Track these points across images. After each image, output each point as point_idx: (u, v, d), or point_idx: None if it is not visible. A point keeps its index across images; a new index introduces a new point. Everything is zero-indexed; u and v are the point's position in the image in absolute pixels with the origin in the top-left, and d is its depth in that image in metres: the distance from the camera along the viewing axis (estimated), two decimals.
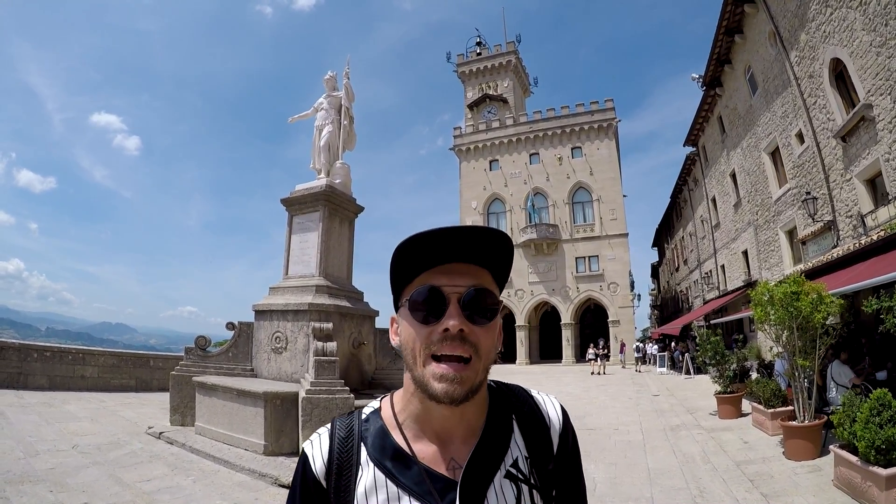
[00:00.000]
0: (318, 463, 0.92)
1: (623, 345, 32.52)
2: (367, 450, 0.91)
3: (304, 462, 0.93)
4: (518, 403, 0.99)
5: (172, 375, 9.00)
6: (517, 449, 0.92)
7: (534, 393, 1.03)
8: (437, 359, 0.83)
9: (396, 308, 0.92)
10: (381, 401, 0.99)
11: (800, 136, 14.80)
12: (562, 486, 0.96)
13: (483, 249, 0.87)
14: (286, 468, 6.38)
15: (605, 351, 27.28)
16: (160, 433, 8.01)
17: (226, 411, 7.68)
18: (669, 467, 7.07)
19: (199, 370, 8.92)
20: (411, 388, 0.89)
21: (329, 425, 0.97)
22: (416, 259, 0.86)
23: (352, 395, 6.79)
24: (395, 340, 0.92)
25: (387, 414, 0.95)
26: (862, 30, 10.76)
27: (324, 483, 0.90)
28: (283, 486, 5.81)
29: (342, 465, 0.90)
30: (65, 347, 13.24)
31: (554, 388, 18.63)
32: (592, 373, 25.13)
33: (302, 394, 6.82)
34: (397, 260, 0.87)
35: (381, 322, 9.93)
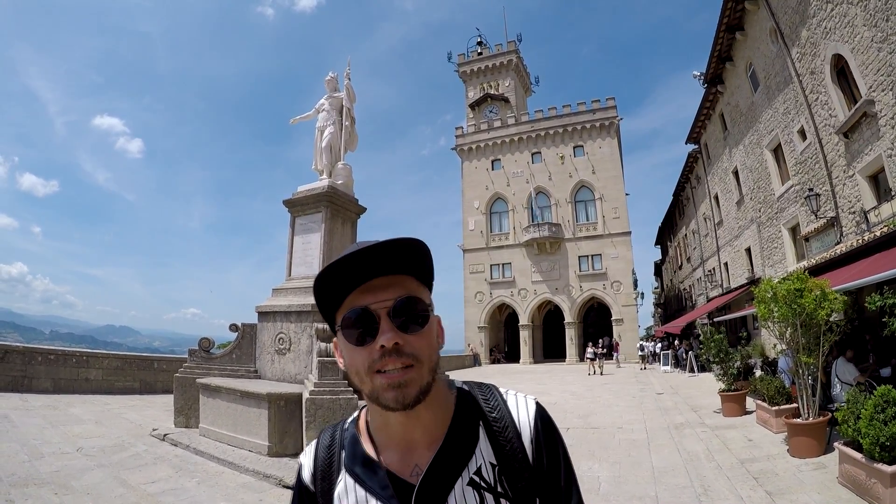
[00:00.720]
0: (306, 471, 1.01)
1: (616, 344, 32.23)
2: (344, 457, 0.97)
3: (299, 470, 1.04)
4: (487, 409, 0.97)
5: (176, 377, 9.03)
6: (482, 456, 0.91)
7: (508, 395, 1.00)
8: (381, 373, 0.84)
9: (334, 330, 0.93)
10: (360, 410, 1.04)
11: (802, 133, 14.76)
12: (543, 492, 0.93)
13: (398, 259, 0.88)
14: (290, 469, 6.39)
15: (605, 350, 26.09)
16: (164, 435, 8.04)
17: (230, 413, 7.69)
18: (674, 465, 7.05)
19: (202, 372, 8.94)
20: (369, 403, 0.92)
21: (318, 435, 1.06)
22: (338, 285, 0.89)
23: (355, 396, 6.78)
24: (340, 363, 0.94)
25: (361, 424, 1.00)
26: (863, 25, 10.73)
27: (312, 488, 0.99)
28: (288, 487, 5.82)
29: (325, 472, 0.98)
30: (69, 350, 13.30)
31: (557, 387, 18.64)
32: (589, 374, 23.81)
33: (305, 395, 6.82)
34: (319, 291, 0.90)
35: None
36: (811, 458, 6.78)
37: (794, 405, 7.99)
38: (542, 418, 0.97)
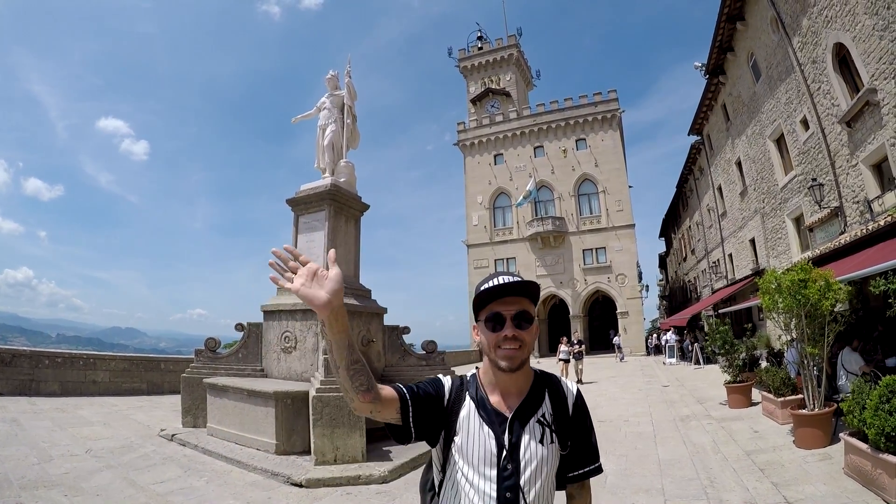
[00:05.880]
0: (446, 388, 1.57)
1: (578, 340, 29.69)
2: (468, 393, 1.55)
3: (441, 381, 1.59)
4: (550, 383, 1.60)
5: (183, 378, 9.06)
6: (545, 407, 1.53)
7: (562, 379, 1.65)
8: (501, 349, 1.45)
9: (477, 321, 1.54)
10: (476, 368, 1.61)
11: (804, 123, 14.70)
12: (574, 437, 1.56)
13: (521, 289, 1.47)
14: (298, 467, 6.43)
15: (581, 348, 20.17)
16: (172, 435, 8.08)
17: (237, 412, 7.73)
18: (680, 458, 7.07)
19: (209, 372, 8.97)
20: (488, 365, 1.53)
21: (451, 376, 1.64)
22: (487, 296, 1.47)
23: None
24: (476, 339, 1.57)
25: (480, 377, 1.58)
26: (864, 13, 10.66)
27: (447, 398, 1.55)
28: (296, 485, 5.86)
29: (456, 397, 1.55)
30: (76, 353, 13.34)
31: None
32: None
33: (312, 392, 6.85)
34: (478, 297, 1.49)
35: (388, 319, 9.91)
36: (817, 448, 6.79)
37: (800, 396, 7.99)
38: (580, 394, 1.64)
